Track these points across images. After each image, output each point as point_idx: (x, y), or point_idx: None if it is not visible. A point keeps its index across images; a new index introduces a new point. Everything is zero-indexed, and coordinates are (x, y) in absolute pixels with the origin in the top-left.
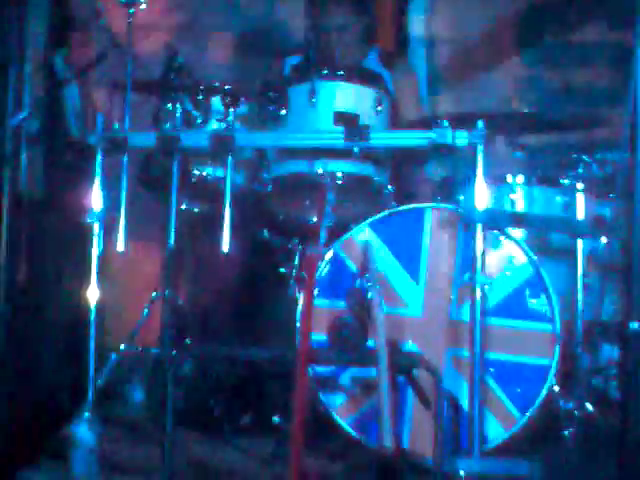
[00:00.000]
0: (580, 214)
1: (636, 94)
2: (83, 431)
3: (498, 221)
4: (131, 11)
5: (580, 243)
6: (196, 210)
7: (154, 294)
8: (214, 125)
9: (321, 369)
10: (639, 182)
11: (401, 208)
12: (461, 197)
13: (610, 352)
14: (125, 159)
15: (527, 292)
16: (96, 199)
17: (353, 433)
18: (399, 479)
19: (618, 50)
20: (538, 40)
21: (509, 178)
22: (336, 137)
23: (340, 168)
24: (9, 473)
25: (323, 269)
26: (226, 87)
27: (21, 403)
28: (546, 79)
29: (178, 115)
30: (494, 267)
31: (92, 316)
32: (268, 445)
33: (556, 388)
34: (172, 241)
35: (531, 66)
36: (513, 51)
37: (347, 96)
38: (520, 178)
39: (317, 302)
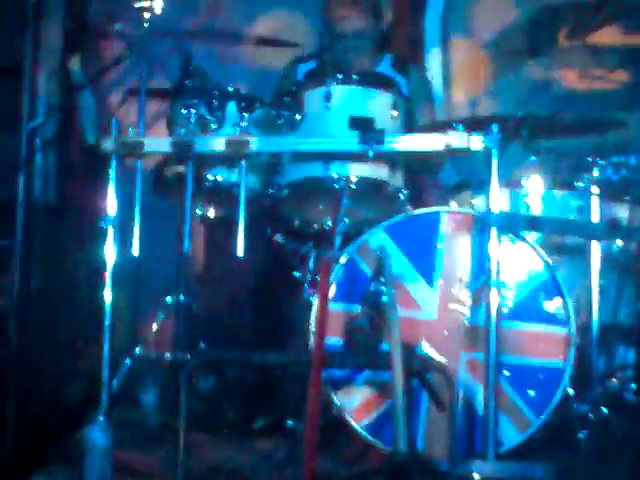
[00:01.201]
0: (595, 217)
1: None
2: (97, 435)
3: (513, 225)
4: (146, 16)
5: (595, 245)
6: (211, 215)
7: (169, 298)
8: (229, 130)
9: (335, 372)
10: None
11: (416, 212)
12: (476, 201)
13: (625, 355)
14: (139, 164)
15: (542, 295)
16: (110, 204)
17: (367, 436)
18: None
19: (633, 53)
20: (553, 43)
21: (524, 182)
22: (351, 141)
23: (355, 172)
24: (22, 478)
25: (338, 273)
26: (241, 92)
27: (34, 407)
28: (561, 82)
29: (193, 120)
30: (509, 271)
31: (106, 320)
32: (282, 448)
33: (571, 391)
34: (186, 246)
35: (546, 69)
36: (528, 54)
37: (362, 100)
38: (535, 181)
39: (332, 306)
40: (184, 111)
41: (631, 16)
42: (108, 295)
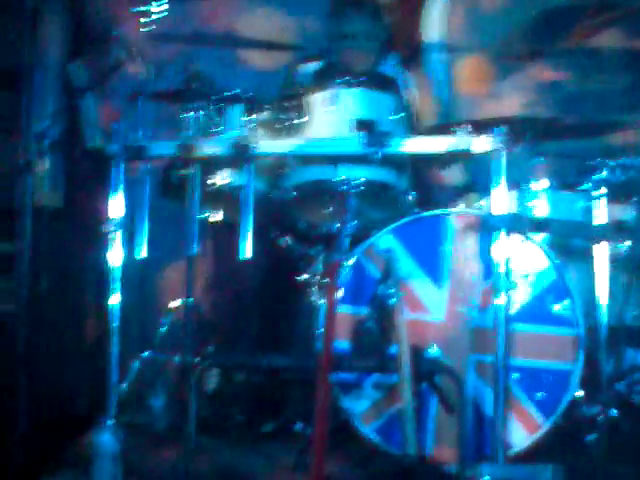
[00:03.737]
0: (602, 219)
1: None
2: (105, 439)
3: (520, 226)
4: (148, 20)
5: (603, 247)
6: (218, 218)
7: (177, 302)
8: (234, 133)
9: (344, 376)
10: None
11: (423, 214)
12: (483, 202)
13: (634, 357)
14: (145, 168)
15: (550, 297)
16: (117, 207)
17: (376, 440)
18: None
19: (636, 56)
20: (556, 45)
21: (531, 184)
22: (357, 144)
23: (361, 175)
24: None
25: (345, 276)
26: (246, 95)
27: (42, 411)
28: (565, 85)
29: (197, 123)
30: (517, 272)
31: (114, 323)
32: (290, 452)
33: (580, 393)
34: (194, 249)
35: (550, 71)
36: (532, 56)
37: (367, 103)
38: (542, 184)
39: (340, 309)
40: (189, 114)
41: (633, 19)
42: (116, 298)
